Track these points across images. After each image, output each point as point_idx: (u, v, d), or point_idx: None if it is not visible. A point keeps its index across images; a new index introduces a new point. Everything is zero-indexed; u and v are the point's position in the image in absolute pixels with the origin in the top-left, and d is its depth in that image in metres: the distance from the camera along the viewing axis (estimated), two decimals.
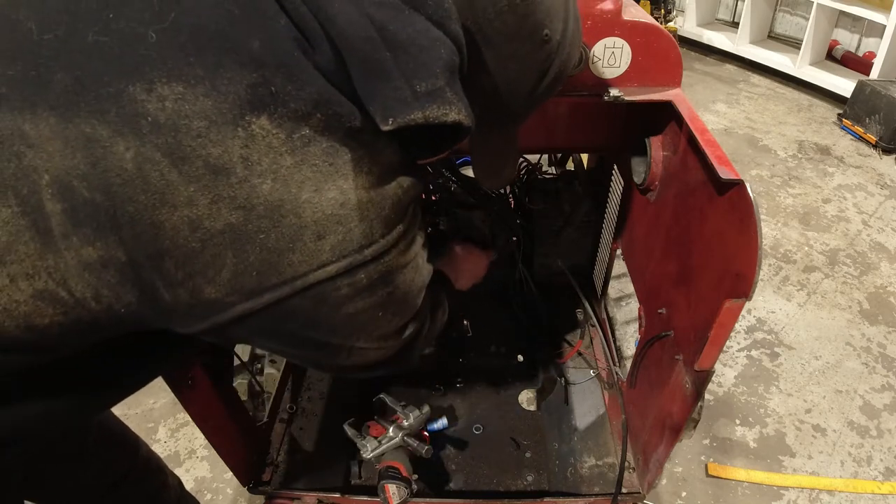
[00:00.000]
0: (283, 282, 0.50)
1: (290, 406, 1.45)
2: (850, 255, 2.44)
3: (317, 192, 0.49)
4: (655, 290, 1.10)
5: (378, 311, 0.58)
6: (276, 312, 0.52)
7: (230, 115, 0.46)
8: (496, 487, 1.28)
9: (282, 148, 0.47)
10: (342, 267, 0.51)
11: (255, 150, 0.46)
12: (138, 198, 0.45)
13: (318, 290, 0.52)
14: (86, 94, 0.44)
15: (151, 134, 0.45)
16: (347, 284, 0.53)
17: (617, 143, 1.29)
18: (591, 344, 1.55)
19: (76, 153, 0.44)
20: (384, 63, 0.49)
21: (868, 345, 2.03)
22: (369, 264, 0.53)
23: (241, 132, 0.46)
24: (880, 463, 1.66)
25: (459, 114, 0.53)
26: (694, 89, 3.85)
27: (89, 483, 0.95)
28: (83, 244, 0.46)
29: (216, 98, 0.45)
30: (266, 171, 0.47)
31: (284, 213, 0.48)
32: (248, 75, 0.46)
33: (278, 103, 0.47)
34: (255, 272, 0.49)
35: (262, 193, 0.47)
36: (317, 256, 0.50)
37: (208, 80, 0.45)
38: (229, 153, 0.46)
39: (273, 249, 0.49)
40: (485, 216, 1.51)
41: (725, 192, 0.76)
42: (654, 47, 0.89)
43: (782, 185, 2.89)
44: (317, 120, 0.48)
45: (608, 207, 1.44)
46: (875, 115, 3.13)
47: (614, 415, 1.36)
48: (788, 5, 4.19)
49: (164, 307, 0.50)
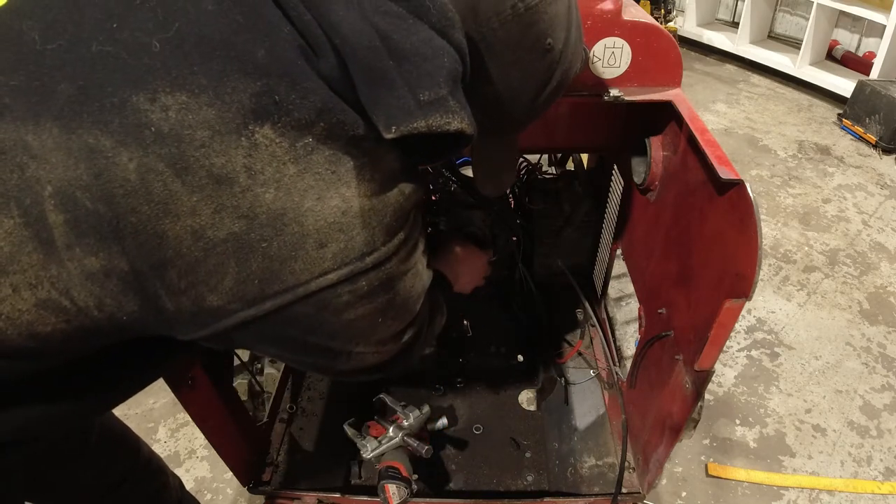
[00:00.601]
0: (285, 289, 0.50)
1: (290, 406, 1.45)
2: (850, 255, 2.44)
3: (319, 200, 0.49)
4: (655, 290, 1.10)
5: (378, 317, 0.58)
6: (278, 319, 0.52)
7: (233, 124, 0.46)
8: (496, 487, 1.28)
9: (285, 157, 0.47)
10: (344, 274, 0.51)
11: (258, 159, 0.46)
12: (141, 208, 0.45)
13: (320, 297, 0.52)
14: (89, 104, 0.45)
15: (155, 144, 0.44)
16: (349, 291, 0.53)
17: (617, 143, 1.29)
18: (591, 344, 1.55)
19: (79, 164, 0.44)
20: (388, 72, 0.49)
21: (868, 345, 2.03)
22: (370, 272, 0.53)
23: (244, 141, 0.46)
24: (880, 463, 1.66)
25: (462, 122, 0.53)
26: (694, 89, 3.85)
27: (90, 483, 0.95)
28: (86, 254, 0.46)
29: (220, 107, 0.45)
30: (269, 180, 0.47)
31: (287, 221, 0.48)
32: (252, 84, 0.46)
33: (282, 112, 0.47)
34: (258, 280, 0.49)
35: (266, 202, 0.47)
36: (319, 264, 0.50)
37: (212, 90, 0.45)
38: (233, 163, 0.46)
39: (275, 258, 0.49)
40: (485, 216, 1.51)
41: (725, 192, 0.76)
42: (654, 47, 0.89)
43: (782, 185, 2.89)
44: (320, 129, 0.48)
45: (608, 207, 1.44)
46: (875, 115, 3.13)
47: (614, 415, 1.36)
48: (788, 5, 4.19)
49: (166, 315, 0.50)
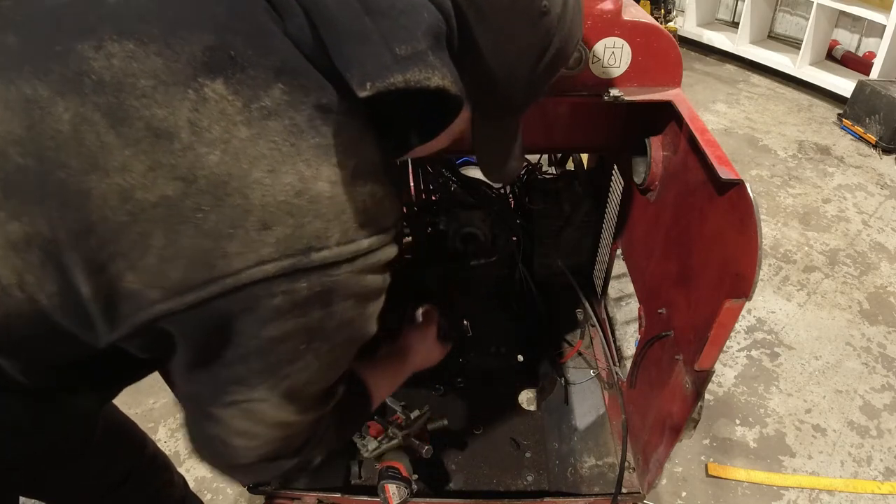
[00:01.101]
0: (213, 278, 0.44)
1: None
2: (850, 255, 2.44)
3: (272, 173, 0.43)
4: (655, 290, 1.10)
5: (302, 344, 0.50)
6: (195, 319, 0.46)
7: (182, 75, 0.41)
8: (496, 487, 1.28)
9: (237, 117, 0.42)
10: (284, 267, 0.45)
11: (205, 115, 0.42)
12: (70, 162, 0.41)
13: (251, 294, 0.45)
14: (33, 55, 0.42)
15: (94, 94, 0.41)
16: (284, 292, 0.45)
17: (617, 143, 1.29)
18: (591, 344, 1.55)
19: (14, 117, 0.41)
20: (363, 27, 0.45)
21: (868, 345, 2.03)
22: (313, 273, 0.46)
23: (191, 94, 0.42)
24: (880, 463, 1.66)
25: (444, 79, 0.47)
26: (694, 89, 3.85)
27: (94, 479, 0.95)
28: (10, 219, 0.42)
29: (169, 57, 0.41)
30: (216, 140, 0.42)
31: (230, 191, 0.42)
32: (207, 37, 0.42)
33: (236, 68, 0.42)
34: (185, 261, 0.43)
35: (208, 165, 0.42)
36: (257, 249, 0.44)
37: (163, 39, 0.42)
38: (175, 116, 0.41)
39: (210, 233, 0.43)
40: (485, 216, 1.51)
41: (725, 192, 0.76)
42: (654, 47, 0.89)
43: (782, 185, 2.89)
44: (279, 91, 0.44)
45: (608, 207, 1.44)
46: (875, 115, 3.13)
47: (614, 415, 1.36)
48: (788, 5, 4.19)
49: (81, 306, 0.45)
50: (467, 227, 1.51)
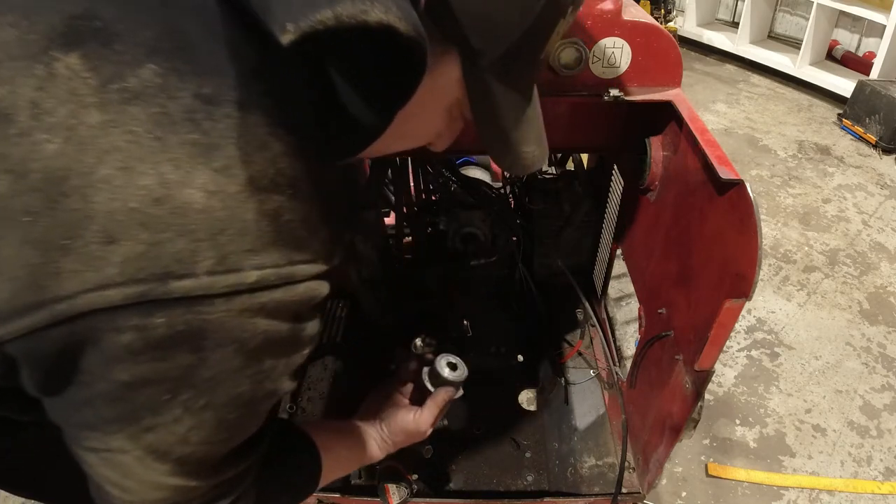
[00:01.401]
0: (41, 302, 0.34)
1: (289, 406, 1.45)
2: (850, 255, 2.44)
3: (124, 171, 0.34)
4: (655, 290, 1.10)
5: (165, 395, 0.40)
6: (33, 347, 0.36)
7: (34, 48, 0.34)
8: (496, 487, 1.28)
9: (89, 98, 0.34)
10: (130, 296, 0.35)
11: (51, 94, 0.34)
12: None
13: (91, 326, 0.35)
14: None
15: None
16: (134, 328, 0.36)
17: (617, 143, 1.29)
18: (591, 344, 1.55)
19: None
20: None
21: (868, 345, 2.03)
22: (174, 307, 0.36)
23: (39, 70, 0.34)
24: (880, 463, 1.66)
25: (387, 13, 0.36)
26: (694, 89, 3.85)
27: None
28: None
29: (24, 28, 0.35)
30: (58, 125, 0.34)
31: (68, 190, 0.34)
32: (73, 6, 0.35)
33: (100, 40, 0.35)
34: (9, 277, 0.34)
35: (44, 156, 0.34)
36: (98, 268, 0.34)
37: (21, 10, 0.35)
38: (15, 95, 0.34)
39: (39, 243, 0.34)
40: (485, 216, 1.51)
41: (725, 192, 0.76)
42: (654, 47, 0.89)
43: (782, 185, 2.90)
44: (150, 71, 0.35)
45: (608, 207, 1.44)
46: (875, 115, 3.14)
47: (614, 415, 1.36)
48: (788, 5, 4.19)
49: None
50: (467, 227, 1.51)
